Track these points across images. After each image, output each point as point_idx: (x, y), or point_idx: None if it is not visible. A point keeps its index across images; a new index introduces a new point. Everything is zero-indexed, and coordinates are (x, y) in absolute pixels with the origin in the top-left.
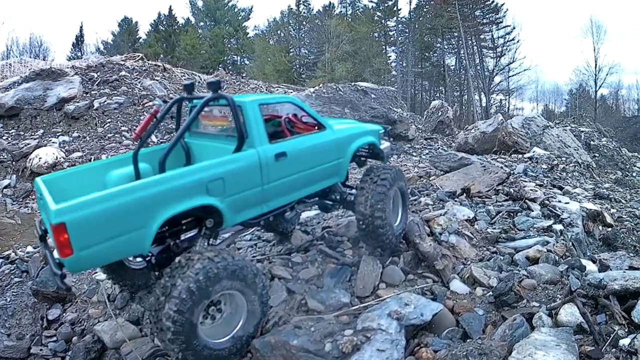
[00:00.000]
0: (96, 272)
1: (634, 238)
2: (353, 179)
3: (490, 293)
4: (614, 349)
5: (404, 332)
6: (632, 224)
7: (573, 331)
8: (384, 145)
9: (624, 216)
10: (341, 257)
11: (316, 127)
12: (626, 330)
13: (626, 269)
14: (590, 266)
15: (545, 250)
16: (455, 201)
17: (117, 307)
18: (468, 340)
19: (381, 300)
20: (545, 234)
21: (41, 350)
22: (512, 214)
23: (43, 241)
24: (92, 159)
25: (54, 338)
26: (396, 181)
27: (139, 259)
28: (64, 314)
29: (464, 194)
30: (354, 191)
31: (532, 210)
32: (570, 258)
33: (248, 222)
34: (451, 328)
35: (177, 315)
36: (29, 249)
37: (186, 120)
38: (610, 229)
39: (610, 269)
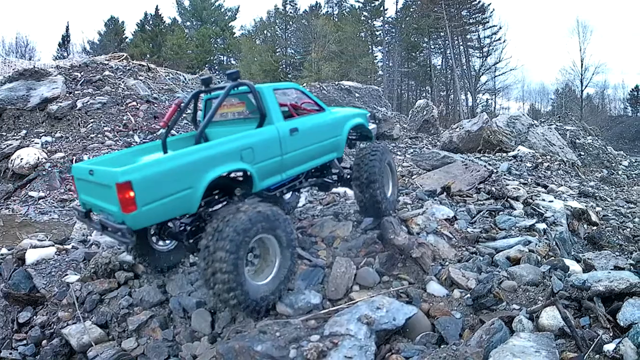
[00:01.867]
0: (66, 275)
1: (619, 237)
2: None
3: (469, 295)
4: (597, 355)
5: (375, 337)
6: (618, 222)
7: (555, 335)
8: (371, 126)
9: (609, 214)
10: (314, 258)
11: (317, 110)
12: (611, 334)
13: (611, 269)
14: (574, 266)
15: (527, 250)
16: (435, 200)
17: (87, 310)
18: (442, 346)
19: (352, 304)
20: (528, 233)
21: (11, 354)
22: (493, 213)
23: (87, 217)
24: (74, 160)
25: (24, 342)
26: (385, 156)
27: (161, 242)
28: (35, 317)
29: (444, 193)
30: (347, 170)
31: (515, 209)
32: (553, 258)
33: (266, 193)
34: (426, 333)
35: (228, 255)
36: (4, 250)
37: (213, 105)
38: (595, 228)
39: (595, 269)
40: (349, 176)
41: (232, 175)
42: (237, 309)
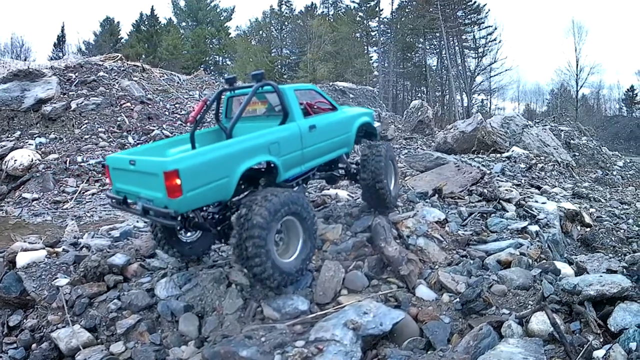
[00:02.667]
0: (57, 278)
1: (613, 238)
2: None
3: (458, 300)
4: None
5: (361, 342)
6: (612, 224)
7: (545, 341)
8: (376, 124)
9: (603, 216)
10: None
11: (330, 109)
12: (601, 340)
13: (604, 272)
14: (566, 269)
15: (518, 254)
16: (427, 202)
17: (76, 314)
18: (430, 352)
19: (339, 308)
20: (520, 235)
21: (1, 357)
22: (485, 216)
23: (124, 204)
24: (68, 161)
25: (14, 345)
26: (388, 154)
27: (189, 234)
28: (25, 321)
29: (436, 195)
30: (353, 165)
31: (507, 211)
32: (544, 261)
33: (284, 183)
34: (413, 338)
35: (261, 232)
36: None
37: (242, 103)
38: (588, 230)
39: (588, 272)
40: (355, 171)
41: (256, 167)
42: (267, 283)
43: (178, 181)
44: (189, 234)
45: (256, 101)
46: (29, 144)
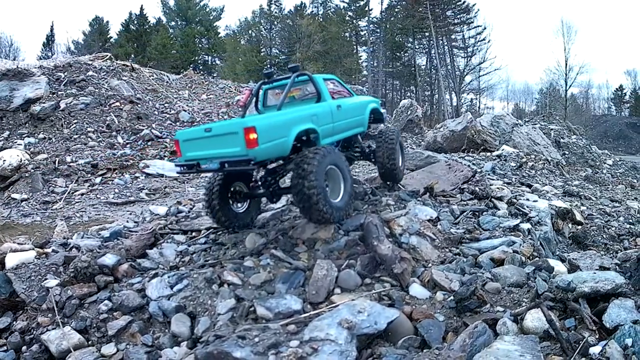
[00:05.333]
0: (46, 279)
1: (604, 236)
2: None
3: (452, 298)
4: (583, 358)
5: (356, 342)
6: (603, 222)
7: (540, 338)
8: (382, 111)
9: (594, 213)
10: (294, 260)
11: (347, 95)
12: (597, 336)
13: (596, 269)
14: (559, 266)
15: (511, 251)
16: (418, 201)
17: (66, 315)
18: (425, 350)
19: (333, 308)
20: (512, 233)
21: None
22: (477, 214)
23: (196, 167)
24: (57, 161)
25: (4, 348)
26: (397, 139)
27: (239, 205)
28: (15, 322)
29: (427, 193)
30: (366, 145)
31: (499, 209)
32: (537, 259)
33: None
34: (408, 336)
35: (317, 174)
36: None
37: (285, 90)
38: (580, 227)
39: (580, 270)
40: (369, 151)
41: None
42: (326, 218)
43: (254, 135)
44: (238, 205)
45: (295, 89)
46: (18, 144)
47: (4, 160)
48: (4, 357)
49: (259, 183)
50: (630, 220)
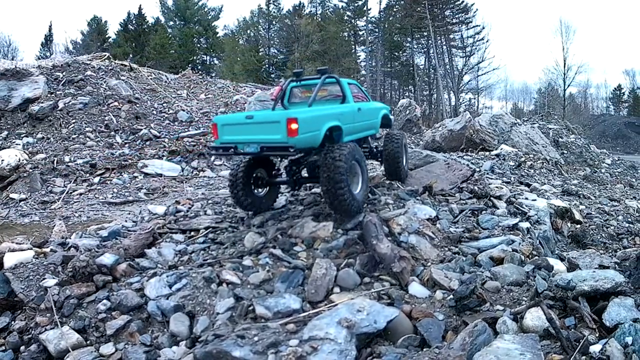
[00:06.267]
0: (44, 279)
1: (603, 235)
2: None
3: (451, 296)
4: (584, 357)
5: (355, 341)
6: (601, 221)
7: (540, 337)
8: (391, 117)
9: (593, 212)
10: (293, 260)
11: (365, 99)
12: (597, 335)
13: (596, 268)
14: (559, 265)
15: (511, 250)
16: (417, 200)
17: (64, 315)
18: (425, 349)
19: (332, 307)
20: (511, 232)
21: None
22: (476, 213)
23: (232, 150)
24: (55, 161)
25: (2, 347)
26: (403, 141)
27: (260, 190)
28: (13, 322)
29: (426, 192)
30: (374, 146)
31: (498, 208)
32: (537, 258)
33: None
34: (408, 335)
35: (344, 167)
36: None
37: (314, 90)
38: (579, 226)
39: (580, 268)
40: (376, 151)
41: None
42: (349, 208)
43: (295, 125)
44: (259, 190)
45: (322, 89)
46: (16, 144)
47: (2, 160)
48: (3, 357)
49: (282, 172)
50: (629, 219)
